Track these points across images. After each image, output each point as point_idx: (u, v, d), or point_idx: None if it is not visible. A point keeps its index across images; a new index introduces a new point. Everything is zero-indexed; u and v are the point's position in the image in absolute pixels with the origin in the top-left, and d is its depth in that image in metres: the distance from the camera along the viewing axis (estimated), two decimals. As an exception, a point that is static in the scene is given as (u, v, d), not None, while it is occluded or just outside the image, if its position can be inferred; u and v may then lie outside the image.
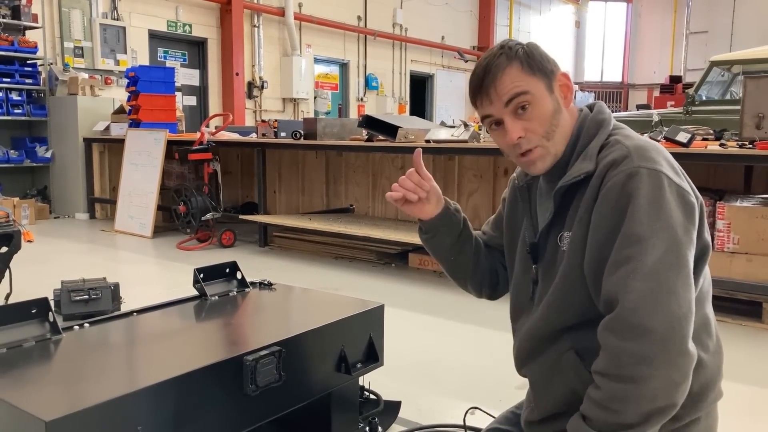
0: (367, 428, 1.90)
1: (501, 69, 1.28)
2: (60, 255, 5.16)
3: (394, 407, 2.18)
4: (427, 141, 4.35)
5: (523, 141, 1.30)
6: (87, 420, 1.15)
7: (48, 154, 7.28)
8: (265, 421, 1.53)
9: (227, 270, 2.06)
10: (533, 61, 1.29)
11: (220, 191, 5.72)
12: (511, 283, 1.49)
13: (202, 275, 1.95)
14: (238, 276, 2.07)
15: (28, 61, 7.26)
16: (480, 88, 1.31)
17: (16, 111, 7.12)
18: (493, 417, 1.79)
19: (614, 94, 19.99)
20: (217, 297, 1.94)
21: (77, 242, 5.82)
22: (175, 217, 5.59)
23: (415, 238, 4.48)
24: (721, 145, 3.51)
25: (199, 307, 1.86)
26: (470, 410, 2.07)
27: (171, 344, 1.60)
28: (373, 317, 1.86)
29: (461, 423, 2.08)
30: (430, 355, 2.87)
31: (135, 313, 1.77)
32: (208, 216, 5.41)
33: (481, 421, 2.01)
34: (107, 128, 6.88)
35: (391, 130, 4.51)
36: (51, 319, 1.56)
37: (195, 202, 5.41)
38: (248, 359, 1.45)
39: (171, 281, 4.47)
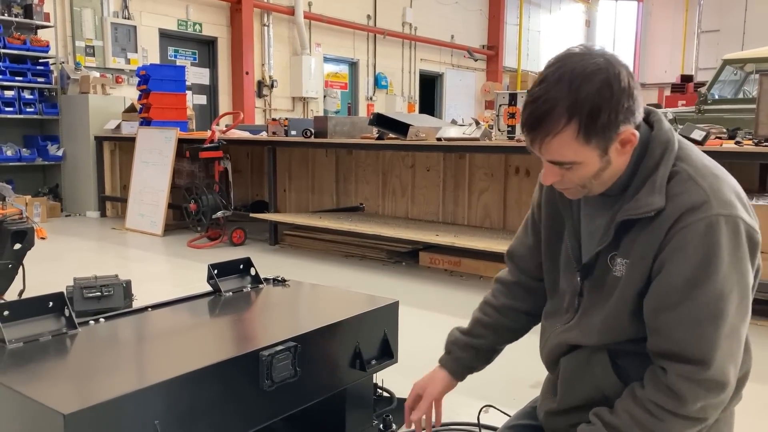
0: (381, 425, 1.89)
1: (551, 132, 1.16)
2: (72, 252, 5.18)
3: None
4: (438, 139, 4.34)
5: (558, 183, 1.28)
6: (105, 413, 1.15)
7: (59, 153, 7.32)
8: (281, 416, 1.53)
9: (241, 266, 2.05)
10: (595, 126, 1.14)
11: (231, 189, 5.73)
12: (548, 281, 1.48)
13: (216, 271, 1.95)
14: (252, 272, 2.06)
15: (40, 60, 7.30)
16: (526, 130, 1.21)
17: (28, 109, 7.16)
18: (508, 415, 1.77)
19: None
20: (231, 293, 1.93)
21: (88, 240, 5.85)
22: (186, 215, 5.60)
23: (425, 237, 4.48)
24: (737, 143, 3.48)
25: (214, 303, 1.86)
26: (484, 408, 2.06)
27: (186, 339, 1.60)
28: (388, 313, 1.85)
29: (475, 421, 2.07)
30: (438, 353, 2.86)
31: (150, 309, 1.77)
32: (219, 214, 5.42)
33: (496, 419, 2.00)
34: (118, 127, 6.91)
35: (402, 128, 4.51)
36: (67, 314, 1.56)
37: (206, 200, 5.43)
38: (264, 354, 1.44)
39: (182, 279, 4.48)
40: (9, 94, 6.98)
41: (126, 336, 1.60)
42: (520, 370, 2.71)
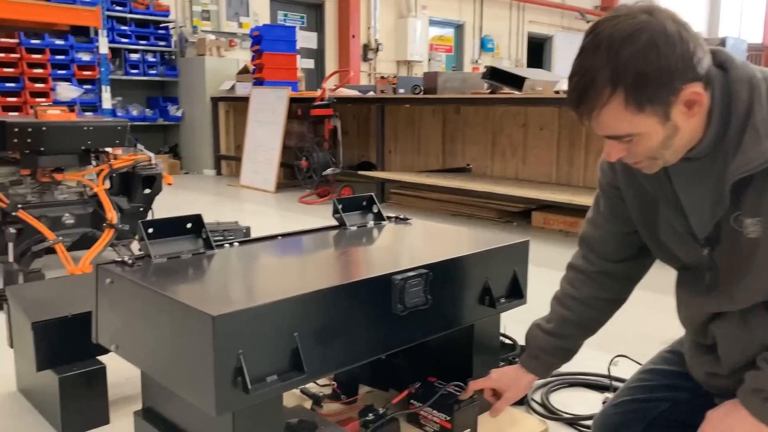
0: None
1: (597, 106, 1.04)
2: (191, 204, 5.44)
3: (530, 351, 2.10)
4: (557, 92, 4.14)
5: (625, 158, 1.14)
6: (250, 319, 1.16)
7: (179, 113, 7.68)
8: (412, 343, 1.51)
9: (364, 203, 2.04)
10: (644, 92, 1.02)
11: (340, 147, 5.79)
12: (662, 258, 1.34)
13: (341, 206, 1.95)
14: (374, 210, 2.05)
15: (161, 24, 7.65)
16: (572, 108, 1.09)
17: (151, 72, 7.55)
18: (640, 364, 1.66)
19: (752, 57, 18.27)
20: (355, 227, 1.93)
21: (206, 195, 6.13)
22: (297, 172, 5.73)
23: (539, 195, 4.32)
24: None
25: (340, 235, 1.86)
26: (615, 359, 1.95)
27: (320, 262, 1.61)
28: (518, 252, 1.78)
29: (604, 373, 1.97)
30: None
31: (280, 237, 1.80)
32: (329, 171, 5.50)
33: (626, 371, 1.88)
34: (232, 87, 7.15)
35: (517, 81, 4.34)
36: (204, 236, 1.60)
37: (316, 157, 5.52)
38: (397, 278, 1.42)
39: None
40: (134, 56, 7.39)
41: (260, 257, 1.62)
42: (648, 327, 2.56)
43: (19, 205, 2.99)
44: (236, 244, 1.68)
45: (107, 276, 1.41)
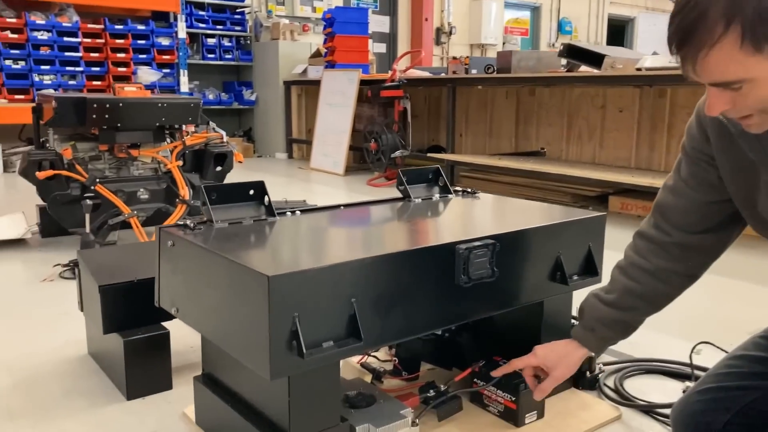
0: (578, 349, 1.72)
1: (706, 45, 0.91)
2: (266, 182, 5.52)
3: (604, 335, 1.98)
4: (638, 69, 3.92)
5: (730, 111, 0.99)
6: (306, 281, 1.13)
7: (253, 97, 7.82)
8: (475, 318, 1.43)
9: (430, 176, 1.98)
10: (764, 28, 0.88)
11: (409, 130, 5.72)
12: (763, 231, 1.21)
13: (406, 178, 1.89)
14: (440, 183, 1.98)
15: (237, 10, 7.79)
16: (675, 48, 0.97)
17: (227, 56, 7.70)
18: (726, 351, 1.53)
19: None
20: (420, 200, 1.86)
21: (277, 176, 6.21)
22: (365, 155, 5.71)
23: (617, 178, 4.11)
24: None
25: (405, 207, 1.80)
26: (699, 346, 1.81)
27: (381, 230, 1.56)
28: (594, 227, 1.67)
29: (685, 361, 1.83)
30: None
31: (342, 207, 1.76)
32: (397, 153, 5.45)
33: (709, 361, 1.74)
34: (305, 71, 7.20)
35: (595, 59, 4.14)
36: (266, 202, 1.58)
37: (385, 139, 5.47)
38: (461, 248, 1.34)
39: (362, 212, 4.58)
40: (211, 41, 7.56)
41: (321, 224, 1.59)
42: (734, 316, 2.38)
43: (97, 180, 3.09)
44: (298, 212, 1.66)
45: (169, 239, 1.41)
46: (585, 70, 4.28)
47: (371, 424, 1.32)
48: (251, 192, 1.57)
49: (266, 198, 1.58)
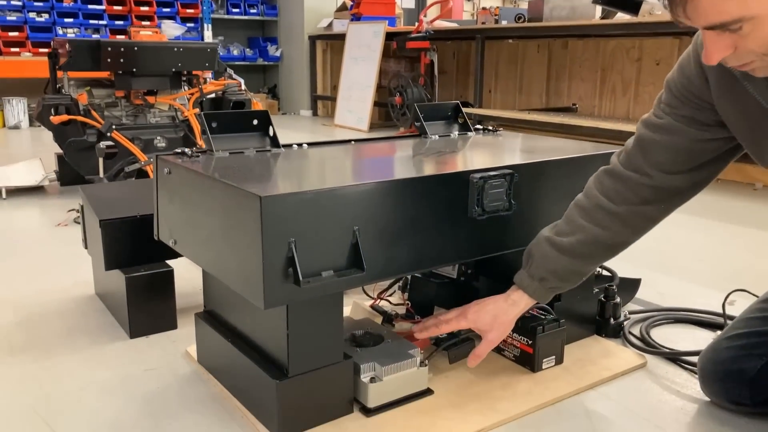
0: (603, 295, 1.62)
1: None
2: (286, 139, 5.44)
3: (632, 284, 1.88)
4: (678, 15, 3.69)
5: (730, 58, 0.87)
6: (303, 204, 1.04)
7: (278, 53, 7.69)
8: (490, 254, 1.34)
9: (449, 112, 1.86)
10: None
11: (436, 83, 5.55)
12: None
13: (423, 114, 1.78)
14: (460, 120, 1.87)
15: (262, -38, 7.63)
16: None
17: (251, 11, 7.57)
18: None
19: None
20: (437, 136, 1.76)
21: (301, 132, 6.12)
22: (390, 110, 5.57)
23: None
24: None
25: (421, 142, 1.69)
26: (732, 295, 1.69)
27: (390, 161, 1.46)
28: (622, 163, 1.54)
29: (716, 311, 1.72)
30: (673, 246, 2.47)
31: (353, 142, 1.66)
32: (423, 108, 5.30)
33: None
34: (330, 25, 7.03)
35: (633, 6, 3.90)
36: (271, 134, 1.50)
37: (411, 93, 5.33)
38: (475, 177, 1.24)
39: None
40: (235, -5, 7.43)
41: (328, 156, 1.50)
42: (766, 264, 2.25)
43: (114, 126, 3.04)
44: (305, 145, 1.57)
45: (165, 166, 1.33)
46: (621, 18, 4.06)
47: (376, 362, 1.25)
48: (255, 122, 1.48)
49: (271, 129, 1.50)
